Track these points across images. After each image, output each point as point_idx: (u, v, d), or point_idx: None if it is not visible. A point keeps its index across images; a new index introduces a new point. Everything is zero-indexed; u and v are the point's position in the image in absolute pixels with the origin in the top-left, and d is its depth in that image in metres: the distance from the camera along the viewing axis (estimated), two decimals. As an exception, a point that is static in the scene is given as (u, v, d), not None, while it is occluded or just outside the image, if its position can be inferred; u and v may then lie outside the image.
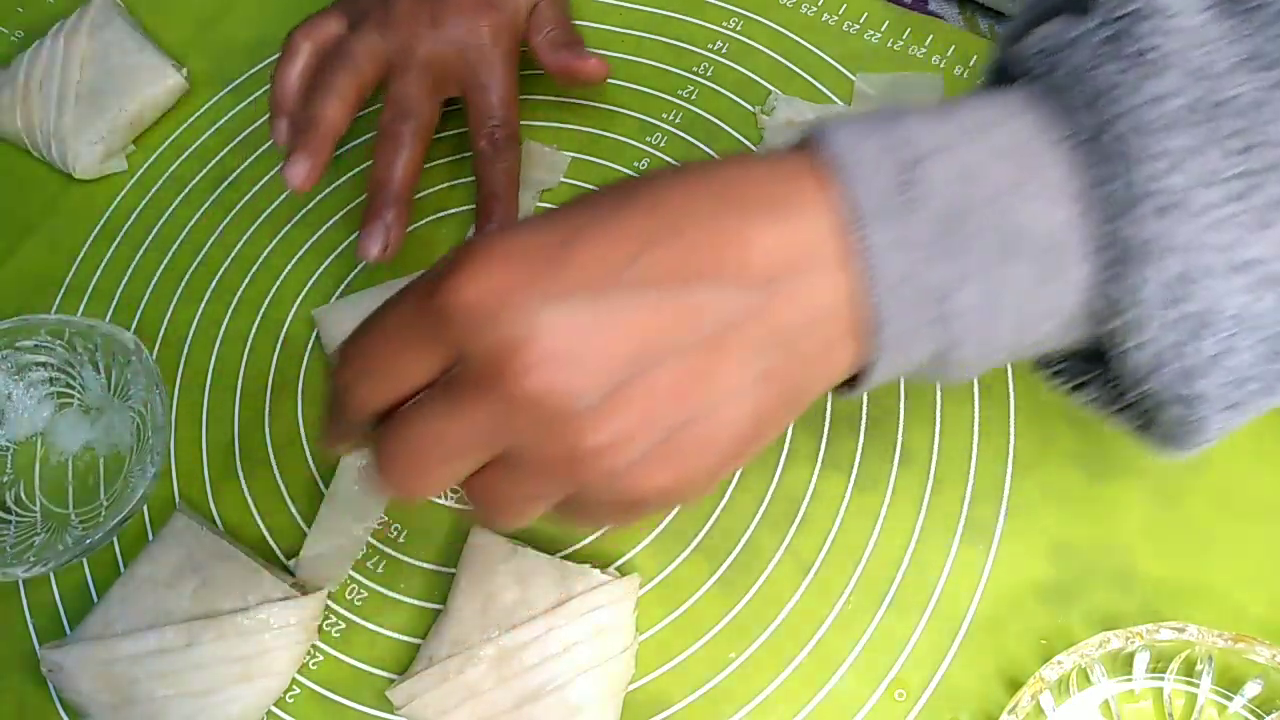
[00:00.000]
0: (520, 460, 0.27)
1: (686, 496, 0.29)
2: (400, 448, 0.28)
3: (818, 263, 0.27)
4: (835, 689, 0.40)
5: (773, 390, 0.28)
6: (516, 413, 0.26)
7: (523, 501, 0.29)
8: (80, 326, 0.47)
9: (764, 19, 0.55)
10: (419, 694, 0.40)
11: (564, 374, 0.26)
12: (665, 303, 0.26)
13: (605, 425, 0.26)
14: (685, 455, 0.28)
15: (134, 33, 0.56)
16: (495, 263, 0.26)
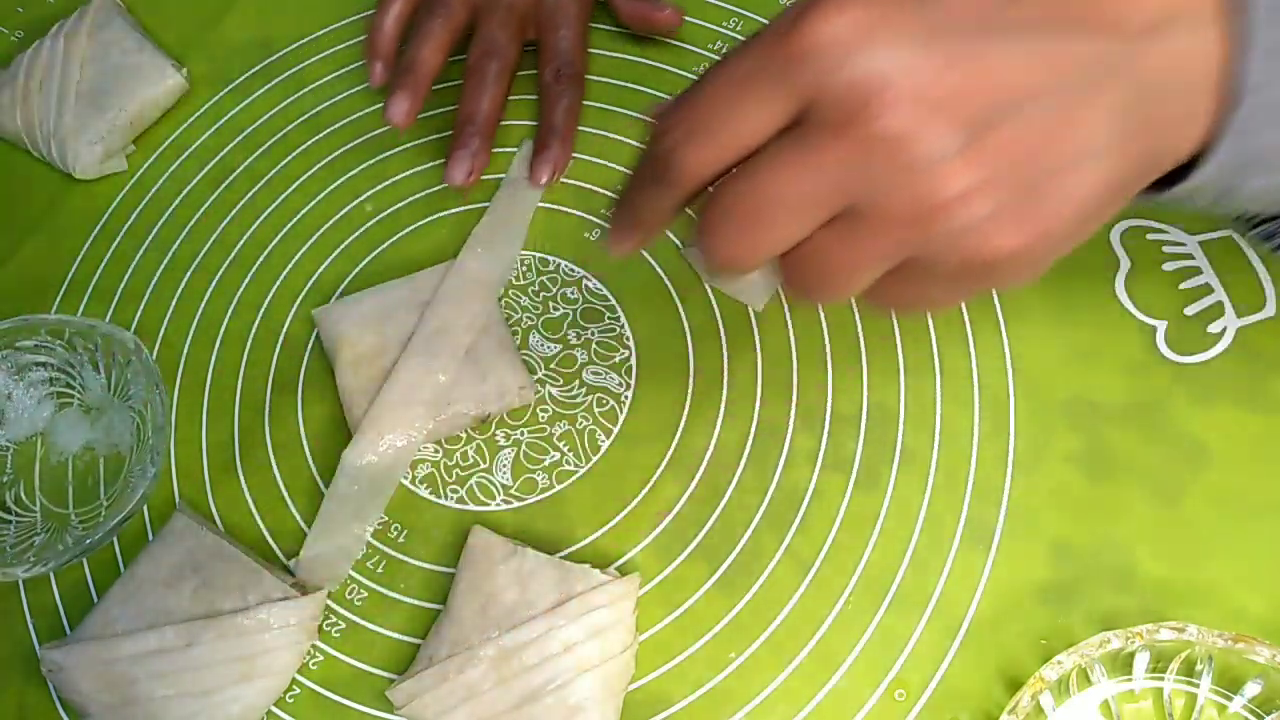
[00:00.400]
0: (865, 215, 0.26)
1: (1031, 264, 0.27)
2: (737, 205, 0.27)
3: (1196, 19, 0.25)
4: (835, 689, 0.40)
5: (1131, 152, 0.26)
6: (871, 158, 0.25)
7: (856, 267, 0.27)
8: (80, 326, 0.47)
9: (764, 19, 0.54)
10: (419, 694, 0.40)
11: (925, 117, 0.24)
12: (1036, 49, 0.25)
13: (962, 174, 0.25)
14: (1040, 214, 0.26)
15: (134, 33, 0.56)
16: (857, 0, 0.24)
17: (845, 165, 0.25)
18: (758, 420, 0.45)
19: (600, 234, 0.50)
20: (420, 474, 0.46)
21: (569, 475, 0.45)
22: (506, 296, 0.49)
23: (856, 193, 0.26)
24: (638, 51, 0.55)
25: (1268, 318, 0.45)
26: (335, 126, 0.55)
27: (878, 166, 0.25)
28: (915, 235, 0.26)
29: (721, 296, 0.48)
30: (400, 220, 0.52)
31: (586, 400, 0.47)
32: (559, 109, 0.51)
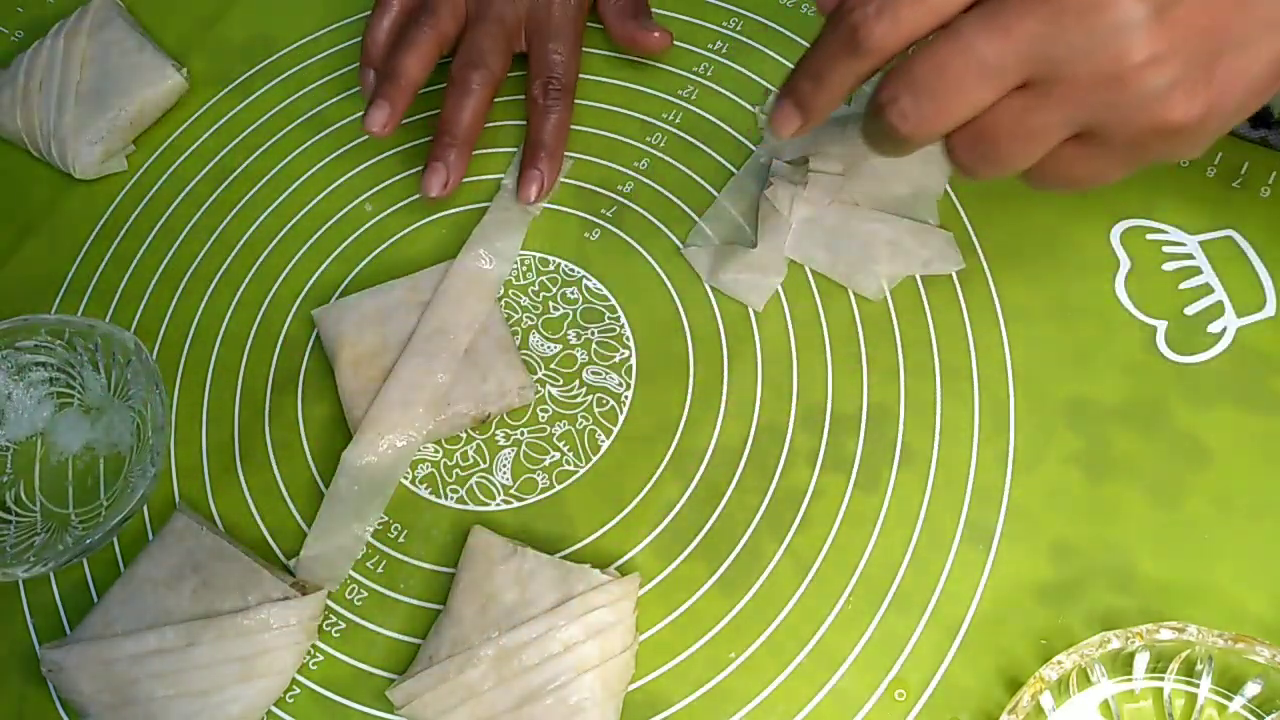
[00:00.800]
0: (1053, 81, 0.28)
1: (1203, 135, 0.29)
2: (931, 71, 0.28)
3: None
4: (835, 689, 0.40)
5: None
6: (1062, 26, 0.27)
7: (1036, 135, 0.29)
8: (80, 326, 0.47)
9: (764, 19, 0.55)
10: (419, 694, 0.40)
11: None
12: None
13: (1153, 41, 0.27)
14: (1219, 83, 0.28)
15: (134, 33, 0.56)
16: None
17: (1038, 32, 0.27)
18: (758, 420, 0.45)
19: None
20: (420, 474, 0.46)
21: (569, 475, 0.45)
22: (506, 296, 0.49)
23: (1047, 59, 0.28)
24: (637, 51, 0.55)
25: (1268, 318, 0.45)
26: (335, 126, 0.55)
27: (1069, 33, 0.27)
28: (1098, 100, 0.28)
29: (721, 296, 0.48)
30: (400, 220, 0.52)
31: (586, 400, 0.47)
32: (547, 125, 0.51)
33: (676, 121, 0.52)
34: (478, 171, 0.52)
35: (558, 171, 0.51)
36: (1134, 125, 0.28)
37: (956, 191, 0.49)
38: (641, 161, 0.52)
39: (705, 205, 0.50)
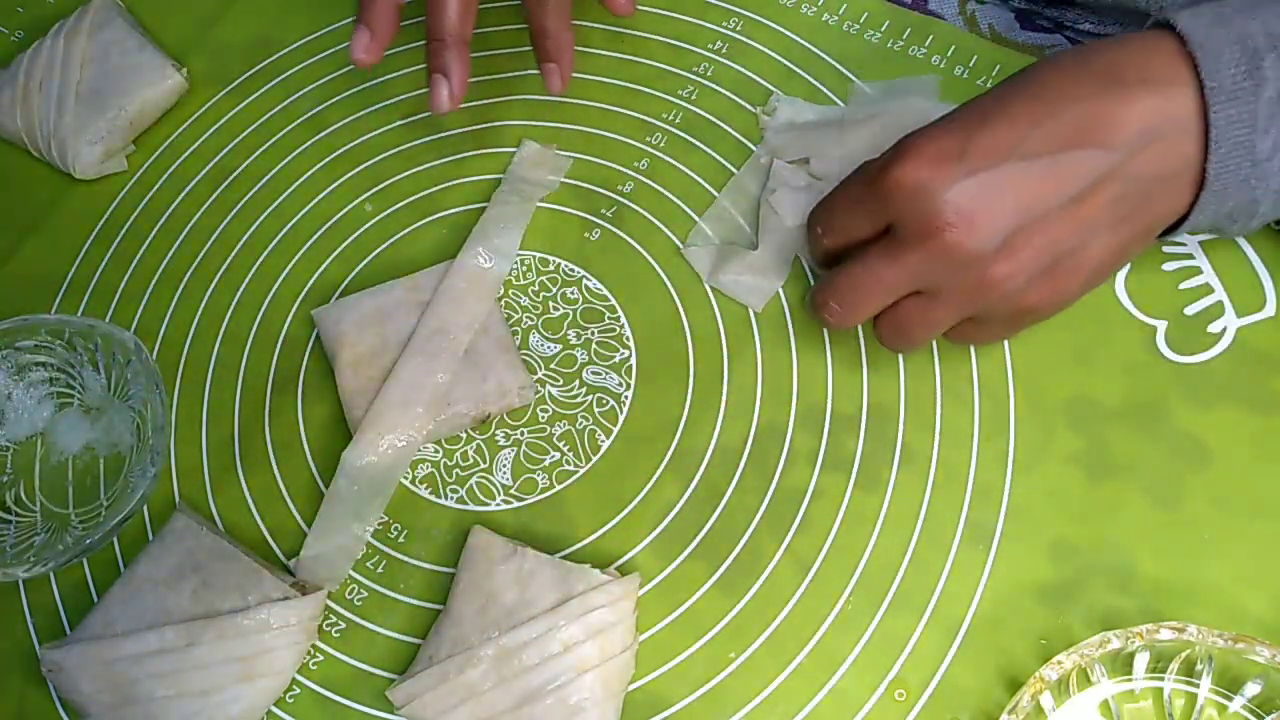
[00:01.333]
0: (937, 292, 0.38)
1: (1056, 309, 0.39)
2: (847, 284, 0.40)
3: (1177, 130, 0.36)
4: (835, 689, 0.40)
5: (1127, 229, 0.38)
6: (938, 258, 0.37)
7: (931, 325, 0.40)
8: (80, 326, 0.47)
9: (764, 19, 0.55)
10: (419, 694, 0.40)
11: (971, 230, 0.36)
12: (1047, 171, 0.36)
13: (1004, 261, 0.37)
14: (1062, 278, 0.38)
15: (134, 33, 0.56)
16: (920, 157, 0.36)
17: (921, 262, 0.38)
18: (758, 420, 0.45)
19: (599, 234, 0.50)
20: (420, 474, 0.46)
21: (569, 475, 0.45)
22: (506, 296, 0.49)
23: (930, 279, 0.38)
24: (637, 52, 0.55)
25: (1268, 318, 0.45)
26: (335, 126, 0.55)
27: (943, 263, 0.37)
28: (972, 303, 0.39)
29: (721, 296, 0.48)
30: (400, 220, 0.52)
31: (586, 400, 0.47)
32: (546, 11, 0.48)
33: (676, 121, 0.52)
34: (477, 171, 0.52)
35: (571, 53, 0.49)
36: (1004, 311, 0.39)
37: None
38: (641, 161, 0.52)
39: (705, 205, 0.50)
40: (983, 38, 0.53)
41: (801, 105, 0.51)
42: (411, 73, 0.56)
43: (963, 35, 0.53)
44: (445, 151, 0.53)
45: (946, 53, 0.52)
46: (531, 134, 0.53)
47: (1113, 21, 0.51)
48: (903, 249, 0.38)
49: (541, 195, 0.51)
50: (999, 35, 0.53)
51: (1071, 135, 0.36)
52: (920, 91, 0.51)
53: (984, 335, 0.42)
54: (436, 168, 0.53)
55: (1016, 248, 0.36)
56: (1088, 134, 0.36)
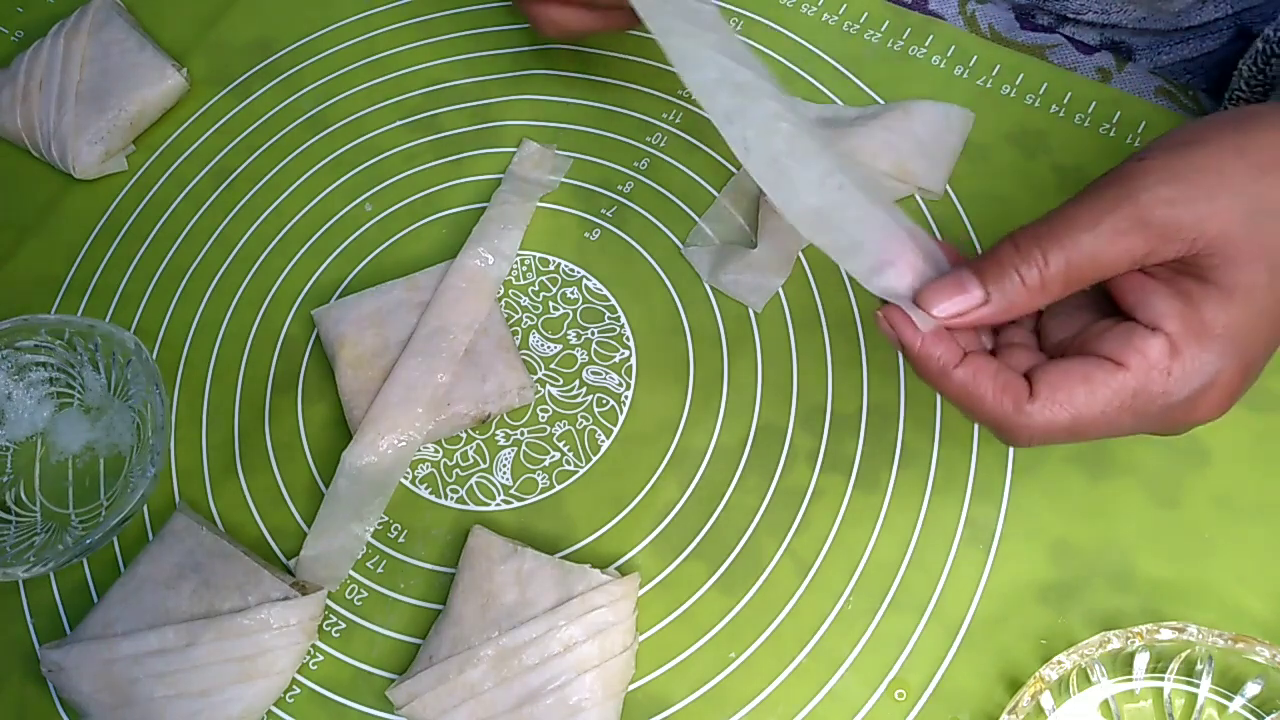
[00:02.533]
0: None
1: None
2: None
3: None
4: (835, 689, 0.40)
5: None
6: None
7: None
8: (80, 326, 0.47)
9: (764, 19, 0.55)
10: (419, 694, 0.40)
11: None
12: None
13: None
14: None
15: (134, 33, 0.56)
16: (1219, 407, 0.33)
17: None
18: (758, 420, 0.45)
19: (599, 234, 0.50)
20: (420, 474, 0.46)
21: (569, 475, 0.45)
22: (506, 296, 0.49)
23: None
24: (638, 52, 0.55)
25: (1268, 318, 0.45)
26: (335, 126, 0.55)
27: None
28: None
29: (721, 296, 0.48)
30: (400, 220, 0.52)
31: (586, 400, 0.47)
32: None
33: (676, 121, 0.52)
34: (477, 171, 0.52)
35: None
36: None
37: (957, 192, 0.49)
38: (641, 161, 0.52)
39: (705, 205, 0.50)
40: (983, 38, 0.53)
41: (801, 105, 0.51)
42: (411, 73, 0.56)
43: (963, 35, 0.53)
44: (445, 151, 0.53)
45: (946, 53, 0.52)
46: (531, 134, 0.53)
47: (1116, 8, 0.51)
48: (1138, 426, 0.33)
49: (541, 195, 0.51)
50: (999, 35, 0.53)
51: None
52: (949, 122, 0.50)
53: None
54: (436, 168, 0.53)
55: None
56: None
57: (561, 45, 0.55)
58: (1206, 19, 0.51)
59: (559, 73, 0.55)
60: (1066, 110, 0.50)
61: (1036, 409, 0.31)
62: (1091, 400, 0.31)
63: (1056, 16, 0.53)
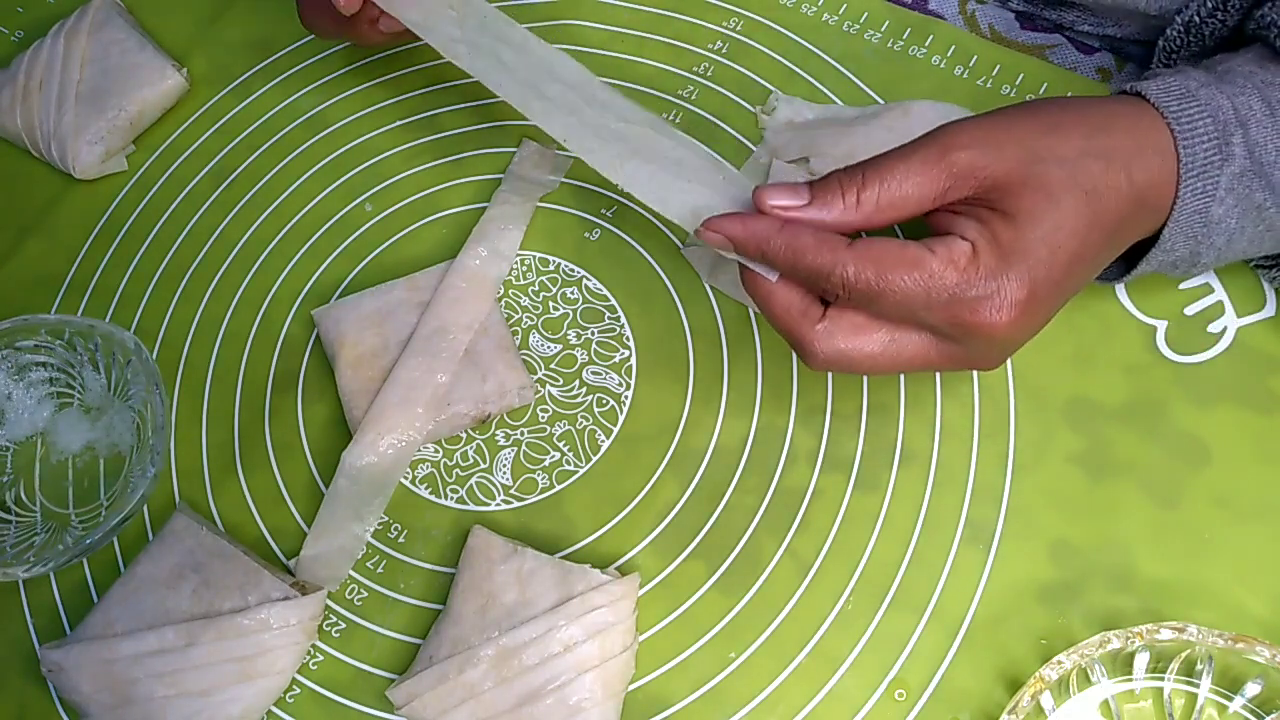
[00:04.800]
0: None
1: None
2: (862, 348, 0.38)
3: (1164, 201, 0.37)
4: (835, 689, 0.40)
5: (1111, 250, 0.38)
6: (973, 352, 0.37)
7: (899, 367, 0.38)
8: (80, 326, 0.47)
9: (764, 19, 0.55)
10: (419, 694, 0.40)
11: (1022, 339, 0.37)
12: (1093, 267, 0.37)
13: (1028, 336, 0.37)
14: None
15: (134, 33, 0.56)
16: (1012, 309, 0.35)
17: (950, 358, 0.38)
18: (758, 420, 0.45)
19: (599, 234, 0.50)
20: (420, 474, 0.46)
21: (569, 475, 0.45)
22: (506, 296, 0.49)
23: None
24: (638, 52, 0.55)
25: (1268, 318, 0.45)
26: (335, 126, 0.55)
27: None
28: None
29: (721, 296, 0.48)
30: (400, 220, 0.52)
31: (586, 400, 0.47)
32: None
33: (676, 121, 0.52)
34: (477, 171, 0.52)
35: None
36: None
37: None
38: (641, 161, 0.52)
39: (705, 205, 0.50)
40: (983, 38, 0.53)
41: (801, 105, 0.51)
42: (411, 73, 0.56)
43: (963, 35, 0.53)
44: (445, 151, 0.53)
45: (946, 53, 0.52)
46: (531, 134, 0.53)
47: (1111, 23, 0.51)
48: (942, 356, 0.37)
49: (541, 195, 0.51)
50: (999, 35, 0.53)
51: (1106, 256, 0.37)
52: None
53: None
54: (436, 168, 0.53)
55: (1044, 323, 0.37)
56: (1115, 248, 0.38)
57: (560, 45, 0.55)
58: None
59: (559, 73, 0.55)
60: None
61: (853, 249, 0.35)
62: (894, 278, 0.35)
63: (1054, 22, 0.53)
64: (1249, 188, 0.38)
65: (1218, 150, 0.37)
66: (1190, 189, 0.37)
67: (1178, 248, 0.39)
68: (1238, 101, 0.38)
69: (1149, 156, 0.37)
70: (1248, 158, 0.37)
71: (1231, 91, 0.38)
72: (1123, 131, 0.37)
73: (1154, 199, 0.37)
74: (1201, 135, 0.37)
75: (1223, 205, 0.38)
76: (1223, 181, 0.37)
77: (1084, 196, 0.35)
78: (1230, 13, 0.42)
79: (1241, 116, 0.37)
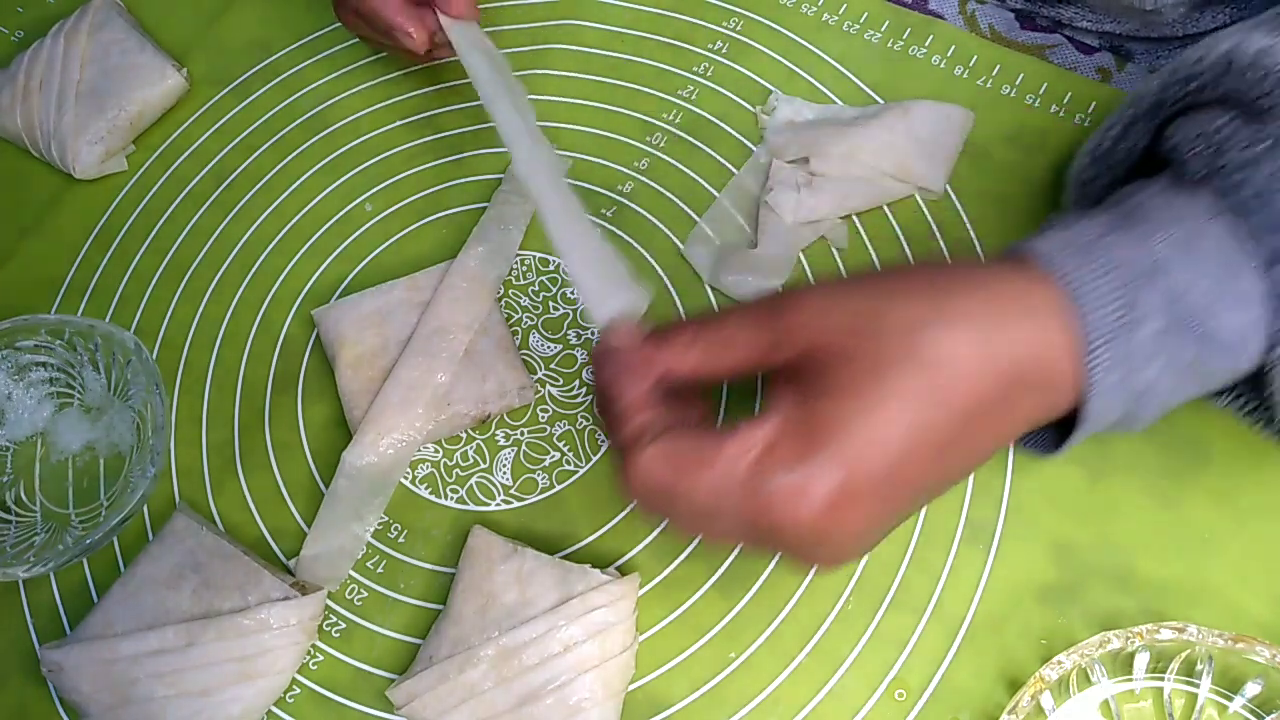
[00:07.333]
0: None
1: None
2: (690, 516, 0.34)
3: (1058, 386, 0.32)
4: (835, 689, 0.40)
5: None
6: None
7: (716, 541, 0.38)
8: (80, 326, 0.47)
9: (764, 19, 0.55)
10: (419, 694, 0.40)
11: (846, 555, 0.33)
12: (939, 484, 0.33)
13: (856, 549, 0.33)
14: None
15: (134, 33, 0.56)
16: (813, 499, 0.31)
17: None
18: (758, 420, 0.45)
19: None
20: (420, 474, 0.46)
21: (569, 475, 0.45)
22: (506, 296, 0.49)
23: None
24: (637, 52, 0.55)
25: (1268, 318, 0.45)
26: (335, 127, 0.55)
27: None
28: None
29: (722, 296, 0.48)
30: (400, 220, 0.52)
31: (586, 400, 0.47)
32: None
33: (676, 121, 0.52)
34: (477, 171, 0.52)
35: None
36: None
37: (957, 192, 0.49)
38: (641, 161, 0.52)
39: (705, 205, 0.50)
40: (983, 38, 0.53)
41: (801, 105, 0.51)
42: (411, 73, 0.56)
43: (963, 35, 0.53)
44: (445, 151, 0.53)
45: (946, 53, 0.52)
46: (531, 134, 0.53)
47: (1110, 19, 0.51)
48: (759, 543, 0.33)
49: (541, 195, 0.51)
50: (999, 35, 0.54)
51: (977, 448, 0.33)
52: (949, 122, 0.50)
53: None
54: (436, 168, 0.53)
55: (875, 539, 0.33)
56: (984, 435, 0.32)
57: (560, 45, 0.55)
58: (1204, 28, 0.51)
59: (559, 73, 0.55)
60: (1066, 110, 0.50)
61: (647, 452, 0.32)
62: (690, 466, 0.32)
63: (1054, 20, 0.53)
64: (1177, 345, 0.32)
65: (1127, 311, 0.31)
66: (1100, 362, 0.31)
67: (1106, 419, 0.33)
68: (1150, 245, 0.32)
69: (1021, 324, 0.31)
70: (1168, 311, 0.31)
71: (1143, 233, 0.32)
72: (988, 298, 0.32)
73: (1037, 373, 0.31)
74: (1106, 297, 0.31)
75: (1148, 370, 0.32)
76: (1139, 346, 0.31)
77: (920, 370, 0.30)
78: (1137, 136, 0.37)
79: (1155, 263, 0.32)
